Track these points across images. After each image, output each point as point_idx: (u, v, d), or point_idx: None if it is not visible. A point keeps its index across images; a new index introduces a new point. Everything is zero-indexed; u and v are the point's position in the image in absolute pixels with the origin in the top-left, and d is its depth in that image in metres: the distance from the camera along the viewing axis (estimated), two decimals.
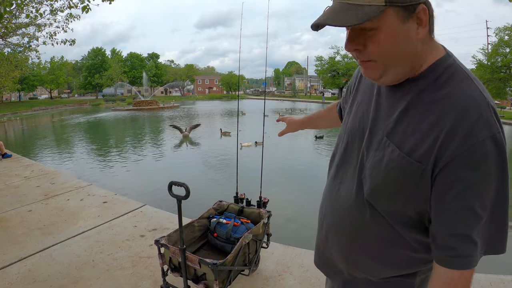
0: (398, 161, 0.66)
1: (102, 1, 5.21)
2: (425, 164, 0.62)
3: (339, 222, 0.82)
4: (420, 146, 0.63)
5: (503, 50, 23.70)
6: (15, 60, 13.01)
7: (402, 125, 0.67)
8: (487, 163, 0.58)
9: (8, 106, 40.39)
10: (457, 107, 0.60)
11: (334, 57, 43.53)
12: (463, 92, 0.62)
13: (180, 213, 1.69)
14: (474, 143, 0.58)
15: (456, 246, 0.63)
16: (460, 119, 0.59)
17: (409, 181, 0.65)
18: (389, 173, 0.67)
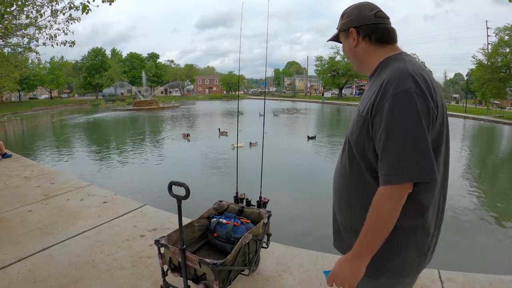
0: (357, 117, 1.01)
1: (102, 2, 5.21)
2: (368, 115, 0.96)
3: (336, 180, 1.14)
4: (366, 105, 0.98)
5: (503, 50, 23.68)
6: (15, 61, 13.01)
7: (364, 98, 1.06)
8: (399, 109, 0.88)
9: (8, 106, 40.40)
10: (386, 76, 0.94)
11: (334, 57, 43.56)
12: (392, 68, 0.97)
13: (180, 213, 1.69)
14: (390, 95, 0.89)
15: (387, 166, 0.89)
16: (384, 83, 0.92)
17: (362, 129, 0.98)
18: (354, 126, 1.02)
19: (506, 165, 9.31)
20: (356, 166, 1.02)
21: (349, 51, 1.11)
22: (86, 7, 5.13)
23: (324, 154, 10.22)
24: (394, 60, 1.00)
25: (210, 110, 29.24)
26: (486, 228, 4.78)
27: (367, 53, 1.07)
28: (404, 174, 0.86)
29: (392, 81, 0.90)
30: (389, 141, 0.88)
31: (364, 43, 1.06)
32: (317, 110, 31.59)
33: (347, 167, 1.05)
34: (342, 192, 1.09)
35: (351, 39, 1.08)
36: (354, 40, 1.07)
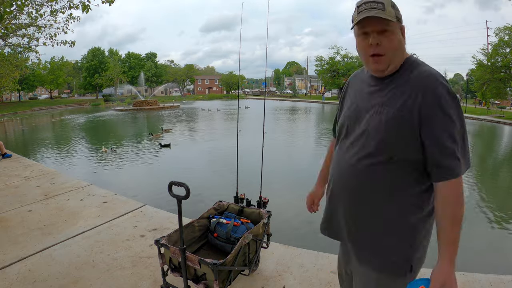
0: (394, 116, 1.00)
1: (102, 3, 5.22)
2: (413, 114, 0.98)
3: (345, 181, 1.12)
4: (406, 105, 0.99)
5: (503, 50, 23.68)
6: (15, 61, 13.01)
7: (390, 96, 1.04)
8: (452, 103, 0.97)
9: (8, 106, 40.39)
10: (424, 79, 1.00)
11: (334, 57, 43.54)
12: (424, 71, 1.02)
13: (180, 213, 1.69)
14: (441, 93, 0.97)
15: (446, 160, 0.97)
16: (427, 85, 0.98)
17: (404, 128, 0.99)
18: (390, 128, 1.00)
19: (506, 165, 9.31)
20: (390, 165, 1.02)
21: (401, 45, 1.06)
22: (87, 7, 5.14)
23: (324, 153, 10.21)
24: (417, 62, 1.06)
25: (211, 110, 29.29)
26: (486, 227, 4.78)
27: (404, 51, 1.08)
28: (468, 165, 0.99)
29: (436, 81, 0.97)
30: (455, 134, 0.95)
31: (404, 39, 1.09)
32: (310, 109, 31.60)
33: (373, 167, 1.04)
34: (363, 194, 1.07)
35: (399, 32, 1.05)
36: (403, 36, 1.07)
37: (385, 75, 1.07)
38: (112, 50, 57.86)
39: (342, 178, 1.12)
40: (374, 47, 1.02)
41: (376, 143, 1.02)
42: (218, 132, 15.68)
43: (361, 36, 1.06)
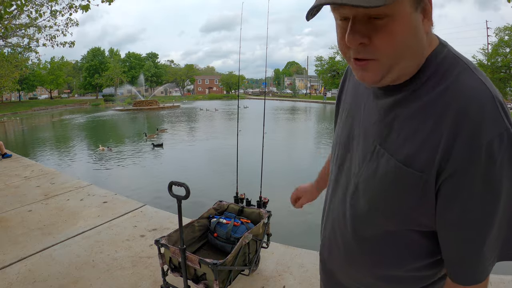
0: (395, 172, 0.58)
1: (102, 2, 5.22)
2: (427, 173, 0.55)
3: (334, 237, 0.77)
4: (419, 153, 0.55)
5: (503, 50, 23.72)
6: (15, 61, 13.02)
7: (395, 131, 0.59)
8: (497, 169, 0.50)
9: (8, 106, 40.41)
10: (458, 104, 0.52)
11: (334, 57, 43.52)
12: (463, 86, 0.53)
13: (180, 213, 1.69)
14: (479, 145, 0.50)
15: (467, 262, 0.58)
16: (462, 119, 0.51)
17: (410, 194, 0.58)
18: (386, 186, 0.60)
19: None
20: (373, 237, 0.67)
21: (419, 38, 0.54)
22: (86, 6, 5.14)
23: (326, 153, 10.23)
24: (448, 63, 0.57)
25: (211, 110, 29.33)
26: None
27: (426, 46, 0.57)
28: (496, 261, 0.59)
29: (475, 116, 0.51)
30: (481, 227, 0.54)
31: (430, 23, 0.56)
32: (310, 109, 31.64)
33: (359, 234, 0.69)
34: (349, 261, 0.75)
35: (420, 13, 0.54)
36: (427, 18, 0.55)
37: (384, 85, 0.61)
38: (112, 50, 57.95)
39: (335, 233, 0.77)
40: (355, 48, 0.56)
41: (365, 202, 0.66)
42: (217, 132, 15.70)
43: (339, 22, 0.57)
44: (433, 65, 0.57)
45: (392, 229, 0.64)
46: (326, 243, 0.81)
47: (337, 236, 0.76)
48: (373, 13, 0.52)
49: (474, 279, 0.59)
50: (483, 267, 0.57)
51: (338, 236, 0.75)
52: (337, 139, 0.78)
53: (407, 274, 0.68)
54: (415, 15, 0.53)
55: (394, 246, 0.66)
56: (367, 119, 0.67)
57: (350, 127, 0.73)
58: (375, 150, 0.63)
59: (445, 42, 0.60)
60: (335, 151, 0.79)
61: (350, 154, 0.72)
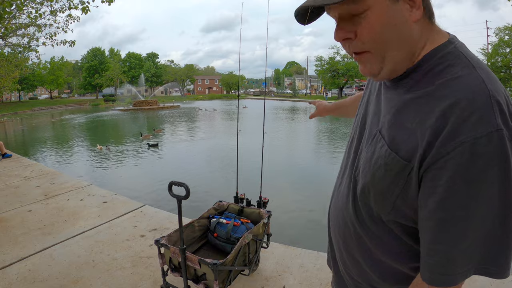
0: (385, 158, 0.60)
1: (102, 2, 5.22)
2: (412, 163, 0.55)
3: (336, 222, 0.79)
4: (407, 142, 0.57)
5: (503, 50, 23.73)
6: (15, 61, 13.02)
7: (393, 120, 0.62)
8: (478, 167, 0.49)
9: (8, 106, 40.43)
10: (449, 99, 0.52)
11: (334, 57, 43.56)
12: (459, 82, 0.54)
13: (180, 213, 1.69)
14: (462, 142, 0.49)
15: (433, 260, 0.57)
16: (449, 112, 0.51)
17: (396, 181, 0.59)
18: (377, 170, 0.62)
19: None
20: (370, 220, 0.68)
21: (402, 29, 0.57)
22: (86, 8, 5.15)
23: (326, 153, 10.23)
24: (451, 58, 0.57)
25: (211, 110, 29.35)
26: None
27: (422, 38, 0.59)
28: (489, 275, 0.57)
29: (464, 110, 0.50)
30: (453, 227, 0.53)
31: (423, 18, 0.58)
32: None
33: (356, 217, 0.71)
34: (346, 245, 0.77)
35: (406, 5, 0.56)
36: (415, 7, 0.56)
37: (385, 79, 0.65)
38: (112, 50, 58.00)
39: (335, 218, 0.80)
40: (343, 43, 0.62)
41: (361, 184, 0.67)
42: (217, 132, 15.69)
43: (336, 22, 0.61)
44: (434, 60, 0.58)
45: (382, 217, 0.65)
46: (332, 226, 0.83)
47: (339, 217, 0.78)
48: (353, 11, 0.56)
49: (440, 281, 0.57)
50: (452, 271, 0.56)
51: (340, 218, 0.77)
52: (352, 126, 0.82)
53: (392, 267, 0.69)
54: (395, 6, 0.55)
55: (381, 236, 0.67)
56: (374, 109, 0.71)
57: (362, 116, 0.77)
58: (375, 136, 0.66)
59: (455, 39, 0.61)
60: (348, 140, 0.83)
61: (357, 141, 0.75)
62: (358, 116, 0.79)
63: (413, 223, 0.61)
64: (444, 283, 0.57)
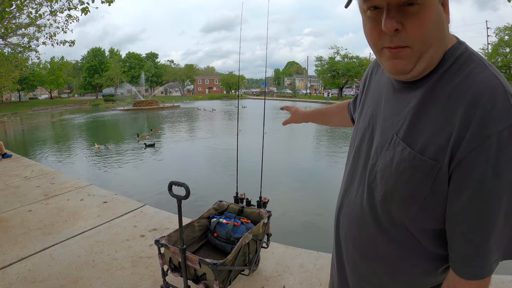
0: (409, 161, 0.60)
1: (102, 3, 5.22)
2: (440, 162, 0.56)
3: (350, 234, 0.77)
4: (433, 143, 0.57)
5: (503, 50, 23.73)
6: (15, 60, 13.02)
7: (413, 122, 0.62)
8: (505, 158, 0.51)
9: (8, 106, 40.43)
10: (470, 96, 0.54)
11: (334, 57, 43.55)
12: (476, 79, 0.56)
13: (180, 213, 1.69)
14: (488, 135, 0.51)
15: (470, 254, 0.58)
16: (473, 109, 0.53)
17: (423, 183, 0.59)
18: (401, 175, 0.62)
19: None
20: (390, 227, 0.67)
21: (443, 24, 0.59)
22: (85, 9, 5.14)
23: (326, 153, 10.23)
24: (465, 59, 0.60)
25: (211, 110, 29.36)
26: None
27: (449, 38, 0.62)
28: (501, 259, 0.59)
29: (485, 106, 0.53)
30: (488, 218, 0.55)
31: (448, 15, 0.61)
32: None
33: (374, 226, 0.69)
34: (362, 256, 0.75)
35: (440, 7, 0.58)
36: (446, 8, 0.60)
37: (411, 79, 0.64)
38: (112, 50, 57.94)
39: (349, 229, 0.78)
40: (390, 35, 0.58)
41: (382, 190, 0.66)
42: (216, 132, 15.70)
43: (368, 13, 0.60)
44: (451, 60, 0.60)
45: (405, 224, 0.65)
46: (343, 237, 0.81)
47: (353, 228, 0.76)
48: (406, 0, 0.55)
49: (477, 274, 0.58)
50: (487, 262, 0.57)
51: (355, 227, 0.75)
52: (356, 131, 0.81)
53: (415, 277, 0.68)
54: (439, 6, 0.57)
55: (404, 244, 0.66)
56: (386, 111, 0.70)
57: (369, 119, 0.75)
58: (392, 140, 0.65)
59: (461, 41, 0.63)
60: (353, 143, 0.81)
61: (367, 145, 0.74)
62: (363, 122, 0.78)
63: (438, 224, 0.62)
64: (481, 276, 0.58)
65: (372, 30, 0.60)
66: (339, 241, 0.83)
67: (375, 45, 0.62)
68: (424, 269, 0.67)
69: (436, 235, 0.63)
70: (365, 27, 0.62)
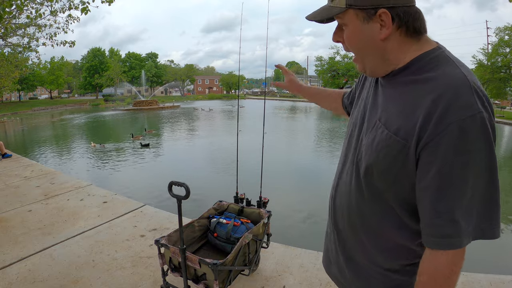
0: (386, 140, 0.71)
1: (102, 3, 5.22)
2: (409, 142, 0.66)
3: (341, 207, 0.87)
4: (404, 126, 0.68)
5: (503, 50, 23.71)
6: (15, 61, 13.01)
7: (390, 109, 0.74)
8: (466, 140, 0.60)
9: (8, 106, 40.41)
10: (438, 87, 0.64)
11: (334, 57, 43.56)
12: (445, 74, 0.66)
13: (180, 213, 1.69)
14: (451, 122, 0.61)
15: (436, 225, 0.65)
16: (439, 99, 0.63)
17: (396, 159, 0.69)
18: (379, 152, 0.72)
19: (506, 165, 9.32)
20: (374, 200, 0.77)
21: (371, 43, 0.72)
22: (85, 9, 5.14)
23: (326, 153, 10.22)
24: (438, 60, 0.70)
25: (211, 111, 29.38)
26: None
27: (399, 48, 0.72)
28: (483, 236, 0.66)
29: (451, 98, 0.62)
30: (451, 190, 0.63)
31: (398, 33, 0.71)
32: (311, 109, 31.63)
33: (361, 198, 0.80)
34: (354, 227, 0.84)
35: (376, 25, 0.70)
36: (385, 27, 0.70)
37: (383, 75, 0.78)
38: (112, 50, 57.82)
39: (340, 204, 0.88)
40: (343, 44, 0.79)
41: (364, 167, 0.77)
42: (216, 131, 15.69)
43: None
44: (424, 61, 0.71)
45: (385, 197, 0.75)
46: (333, 214, 0.91)
47: (343, 205, 0.86)
48: (339, 23, 0.77)
49: (448, 243, 0.65)
50: (457, 233, 0.64)
51: (344, 205, 0.85)
52: (350, 121, 0.92)
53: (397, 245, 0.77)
54: (365, 26, 0.71)
55: (386, 216, 0.76)
56: (372, 102, 0.82)
57: (362, 109, 0.86)
58: (375, 124, 0.76)
59: (441, 46, 0.73)
60: (348, 131, 0.92)
61: (358, 132, 0.84)
62: (357, 112, 0.89)
63: (410, 198, 0.71)
64: (451, 245, 0.65)
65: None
66: (333, 218, 0.92)
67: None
68: (403, 239, 0.76)
69: (410, 209, 0.72)
70: None
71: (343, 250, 0.89)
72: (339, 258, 0.91)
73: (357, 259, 0.85)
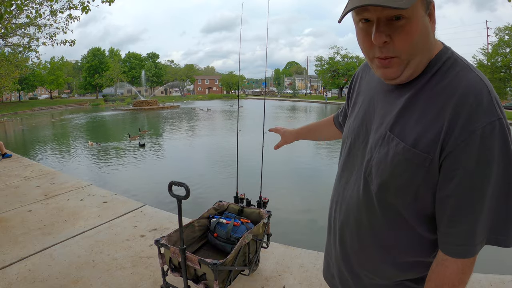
0: (403, 154, 0.66)
1: (102, 3, 5.22)
2: (432, 155, 0.62)
3: (348, 224, 0.81)
4: (425, 137, 0.63)
5: (503, 50, 23.71)
6: (15, 61, 13.01)
7: (404, 119, 0.68)
8: (488, 151, 0.58)
9: (8, 106, 40.41)
10: (457, 95, 0.61)
11: (334, 57, 43.56)
12: (462, 80, 0.63)
13: (180, 213, 1.69)
14: (474, 130, 0.58)
15: (457, 234, 0.64)
16: (460, 107, 0.60)
17: (416, 173, 0.65)
18: (396, 167, 0.67)
19: None
20: (386, 216, 0.72)
21: (428, 39, 0.64)
22: (86, 8, 5.14)
23: (326, 154, 10.22)
24: (451, 62, 0.66)
25: (211, 111, 29.41)
26: None
27: (434, 45, 0.68)
28: (497, 244, 0.64)
29: (472, 104, 0.59)
30: (472, 201, 0.61)
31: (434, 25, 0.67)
32: (311, 109, 31.67)
33: (371, 215, 0.75)
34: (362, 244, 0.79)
35: (427, 18, 0.64)
36: (433, 18, 0.65)
37: (400, 83, 0.70)
38: (112, 49, 57.79)
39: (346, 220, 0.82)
40: (379, 47, 0.64)
41: (377, 183, 0.71)
42: (216, 131, 15.69)
43: (360, 24, 0.66)
44: (438, 64, 0.66)
45: (399, 212, 0.70)
46: (338, 231, 0.85)
47: (350, 221, 0.80)
48: (393, 14, 0.61)
49: (461, 253, 0.64)
50: (473, 242, 0.63)
51: (352, 221, 0.80)
52: (348, 130, 0.86)
53: (412, 260, 0.73)
54: (425, 18, 0.63)
55: (401, 232, 0.72)
56: (379, 111, 0.75)
57: (362, 119, 0.81)
58: (385, 136, 0.70)
59: (447, 46, 0.70)
60: (346, 141, 0.86)
61: (361, 143, 0.79)
62: (356, 121, 0.83)
63: (430, 210, 0.68)
64: (467, 254, 0.64)
65: (364, 40, 0.67)
66: (336, 234, 0.87)
67: (367, 54, 0.68)
68: (419, 252, 0.72)
69: (427, 220, 0.69)
70: (358, 37, 0.69)
71: (349, 267, 0.84)
72: (343, 273, 0.87)
73: (365, 274, 0.81)
